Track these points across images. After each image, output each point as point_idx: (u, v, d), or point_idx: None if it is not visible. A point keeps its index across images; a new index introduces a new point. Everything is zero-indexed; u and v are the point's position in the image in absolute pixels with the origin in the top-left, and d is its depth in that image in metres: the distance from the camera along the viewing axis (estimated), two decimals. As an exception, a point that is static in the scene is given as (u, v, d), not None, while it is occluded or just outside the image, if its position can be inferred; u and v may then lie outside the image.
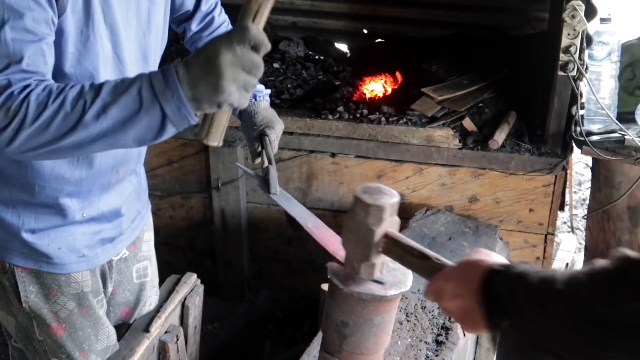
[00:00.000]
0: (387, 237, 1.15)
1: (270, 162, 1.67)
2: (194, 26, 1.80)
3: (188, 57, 1.14)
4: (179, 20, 1.81)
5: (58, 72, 1.30)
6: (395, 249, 1.15)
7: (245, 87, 1.11)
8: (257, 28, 1.12)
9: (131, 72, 1.44)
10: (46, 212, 1.46)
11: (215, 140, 1.26)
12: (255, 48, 1.10)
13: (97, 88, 1.13)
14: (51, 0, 1.22)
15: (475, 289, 0.97)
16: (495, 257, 1.05)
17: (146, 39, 1.51)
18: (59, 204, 1.46)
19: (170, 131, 1.15)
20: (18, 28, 1.17)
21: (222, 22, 1.85)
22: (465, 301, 1.00)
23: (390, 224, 1.16)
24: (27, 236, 1.45)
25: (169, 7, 1.60)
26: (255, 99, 1.80)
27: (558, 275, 0.90)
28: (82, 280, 1.55)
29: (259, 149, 1.73)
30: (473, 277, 0.99)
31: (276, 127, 1.77)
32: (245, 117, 1.80)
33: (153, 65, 1.57)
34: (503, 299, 0.94)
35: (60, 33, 1.27)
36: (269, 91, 1.87)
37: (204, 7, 1.79)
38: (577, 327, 0.84)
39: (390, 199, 1.15)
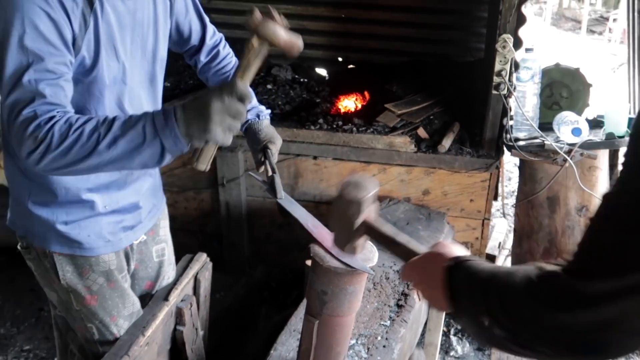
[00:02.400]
0: (365, 224, 1.14)
1: (274, 172, 1.64)
2: (203, 58, 1.77)
3: (186, 102, 1.15)
4: (189, 54, 1.78)
5: (76, 92, 1.28)
6: (373, 234, 1.14)
7: (229, 129, 1.14)
8: (244, 84, 1.17)
9: (137, 93, 1.45)
10: (75, 207, 1.45)
11: (203, 166, 1.33)
12: (240, 99, 1.12)
13: (110, 123, 1.14)
14: (68, 45, 1.21)
15: (439, 282, 0.97)
16: (454, 250, 1.03)
17: (151, 66, 1.49)
18: (83, 199, 1.45)
19: (167, 159, 1.17)
20: (41, 70, 1.16)
21: (227, 54, 1.82)
22: (432, 290, 1.00)
23: (369, 212, 1.14)
24: (61, 227, 1.44)
25: (168, 38, 1.58)
26: (259, 118, 1.77)
27: (496, 279, 0.87)
28: (108, 260, 1.54)
29: (262, 159, 1.70)
30: (436, 271, 0.98)
31: (276, 142, 1.75)
32: (250, 134, 1.77)
33: (159, 85, 1.55)
34: (459, 293, 0.94)
35: (77, 66, 1.27)
36: (269, 111, 1.83)
37: (209, 42, 1.76)
38: (509, 328, 0.83)
39: (368, 193, 1.13)
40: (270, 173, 1.65)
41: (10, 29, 1.14)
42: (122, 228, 1.55)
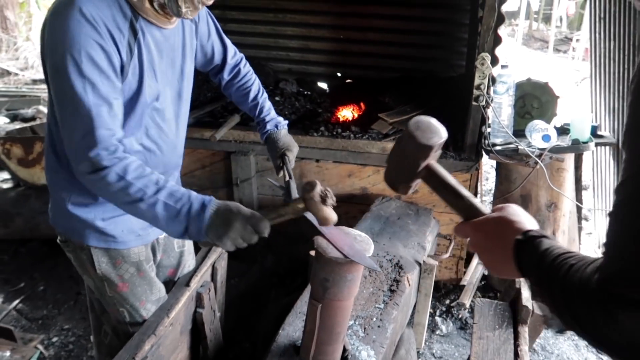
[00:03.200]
0: (428, 168, 0.96)
1: (290, 177, 1.62)
2: (226, 76, 1.75)
3: (220, 206, 1.17)
4: (213, 73, 1.76)
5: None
6: (433, 181, 0.97)
7: (236, 245, 1.18)
8: (268, 226, 1.21)
9: (168, 109, 1.43)
10: (111, 206, 1.41)
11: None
12: (258, 233, 1.18)
13: (158, 188, 1.16)
14: (117, 72, 1.22)
15: (507, 253, 0.83)
16: (523, 217, 0.87)
17: (179, 83, 1.48)
18: None
19: (184, 237, 1.19)
20: (98, 96, 1.16)
21: (247, 71, 1.79)
22: (499, 256, 0.85)
23: (433, 158, 0.97)
24: (99, 224, 1.43)
25: (194, 58, 1.56)
26: (277, 128, 1.75)
27: (562, 273, 0.73)
28: (138, 252, 1.53)
29: (281, 165, 1.69)
30: (506, 239, 0.83)
31: (293, 150, 1.73)
32: (270, 142, 1.74)
33: (186, 99, 1.53)
34: (528, 268, 0.81)
35: (125, 90, 1.27)
36: (287, 122, 1.80)
37: (231, 61, 1.74)
38: (568, 312, 0.72)
39: (439, 140, 0.94)
40: (287, 178, 1.62)
41: (69, 58, 1.13)
42: (149, 224, 1.53)
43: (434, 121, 0.96)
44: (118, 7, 1.22)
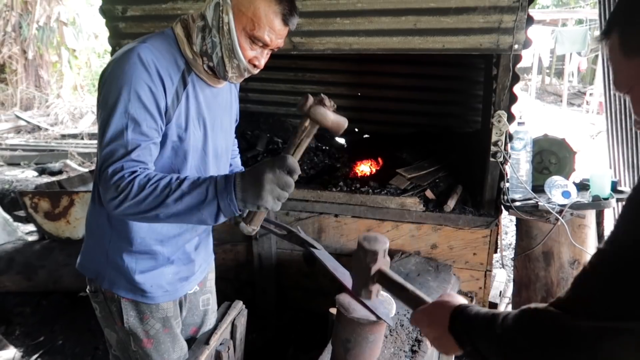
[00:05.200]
0: (379, 272, 1.13)
1: (290, 231, 1.53)
2: None
3: (243, 171, 1.19)
4: None
5: (161, 159, 1.34)
6: (385, 281, 1.13)
7: (278, 198, 1.17)
8: (294, 160, 1.18)
9: (211, 161, 1.47)
10: (144, 257, 1.43)
11: (252, 228, 1.34)
12: (290, 172, 1.15)
13: (180, 181, 1.18)
14: (162, 114, 1.28)
15: (445, 325, 0.95)
16: (458, 299, 1.02)
17: (224, 141, 1.53)
18: (152, 250, 1.43)
19: (222, 218, 1.19)
20: (136, 132, 1.22)
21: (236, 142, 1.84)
22: (439, 333, 0.97)
23: (383, 263, 1.13)
24: (131, 275, 1.42)
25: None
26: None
27: (497, 320, 0.85)
28: (166, 308, 1.52)
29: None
30: (443, 316, 0.96)
31: None
32: None
33: (226, 155, 1.57)
34: (462, 335, 0.92)
35: (168, 133, 1.32)
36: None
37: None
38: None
39: (383, 246, 1.13)
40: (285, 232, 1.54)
41: (120, 97, 1.21)
42: (178, 279, 1.53)
43: (376, 234, 1.16)
44: (174, 60, 1.31)
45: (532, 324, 0.79)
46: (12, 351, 2.77)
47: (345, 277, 1.28)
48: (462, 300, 1.02)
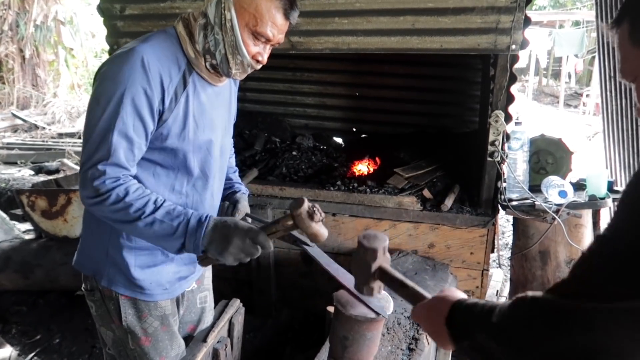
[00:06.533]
0: (380, 269, 1.13)
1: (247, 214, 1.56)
2: None
3: (218, 222, 1.23)
4: None
5: (164, 154, 1.35)
6: (386, 278, 1.13)
7: (238, 260, 1.22)
8: (266, 238, 1.23)
9: (214, 160, 1.48)
10: (144, 254, 1.43)
11: (203, 268, 1.43)
12: (259, 246, 1.22)
13: (156, 207, 1.23)
14: (154, 116, 1.28)
15: (443, 320, 0.96)
16: (458, 294, 1.02)
17: (224, 139, 1.54)
18: (151, 247, 1.42)
19: (184, 252, 1.26)
20: (122, 134, 1.23)
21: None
22: (437, 327, 0.98)
23: (383, 260, 1.14)
24: (130, 271, 1.42)
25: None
26: (244, 193, 1.69)
27: (495, 310, 0.85)
28: (164, 306, 1.52)
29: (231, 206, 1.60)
30: (441, 310, 0.97)
31: (247, 210, 1.62)
32: (229, 195, 1.66)
33: (226, 153, 1.58)
34: (460, 328, 0.93)
35: (164, 134, 1.32)
36: (248, 192, 1.75)
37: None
38: (502, 350, 0.81)
39: (382, 243, 1.13)
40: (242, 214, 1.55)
41: (113, 97, 1.22)
42: (178, 278, 1.53)
43: (376, 232, 1.17)
44: (175, 60, 1.31)
45: (525, 308, 0.79)
46: (8, 350, 2.76)
47: (338, 272, 1.28)
48: (462, 295, 1.02)
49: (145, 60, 1.23)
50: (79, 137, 8.48)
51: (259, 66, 1.38)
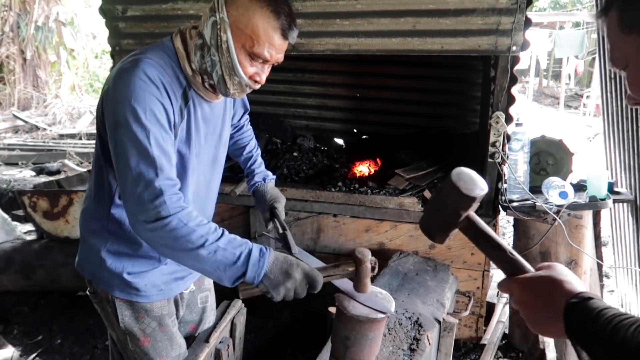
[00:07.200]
0: (468, 219, 0.94)
1: (284, 229, 1.61)
2: (231, 131, 1.79)
3: (278, 255, 1.20)
4: None
5: None
6: (473, 232, 0.94)
7: (287, 297, 1.20)
8: (321, 283, 1.22)
9: (204, 171, 1.49)
10: (141, 261, 1.45)
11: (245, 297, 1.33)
12: (311, 288, 1.21)
13: (220, 234, 1.17)
14: (172, 128, 1.27)
15: (559, 313, 0.80)
16: (572, 278, 0.84)
17: (217, 149, 1.53)
18: (151, 255, 1.45)
19: (237, 283, 1.19)
20: (159, 147, 1.20)
21: (249, 128, 1.89)
22: (547, 316, 0.82)
23: (473, 209, 0.94)
24: (126, 277, 1.43)
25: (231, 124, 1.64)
26: (264, 181, 1.79)
27: (625, 330, 0.71)
28: (161, 306, 1.52)
29: (269, 217, 1.73)
30: (556, 299, 0.81)
31: (281, 201, 1.76)
32: (258, 194, 1.78)
33: (220, 164, 1.59)
34: (576, 333, 0.78)
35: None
36: (274, 176, 1.86)
37: (243, 120, 1.84)
38: None
39: (481, 192, 0.91)
40: (281, 230, 1.62)
41: (133, 113, 1.17)
42: (173, 279, 1.54)
43: (474, 174, 0.94)
44: (175, 76, 1.30)
45: None
46: (10, 350, 2.77)
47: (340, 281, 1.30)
48: (572, 278, 0.84)
49: (150, 75, 1.21)
50: (80, 138, 8.49)
51: (257, 86, 1.36)
